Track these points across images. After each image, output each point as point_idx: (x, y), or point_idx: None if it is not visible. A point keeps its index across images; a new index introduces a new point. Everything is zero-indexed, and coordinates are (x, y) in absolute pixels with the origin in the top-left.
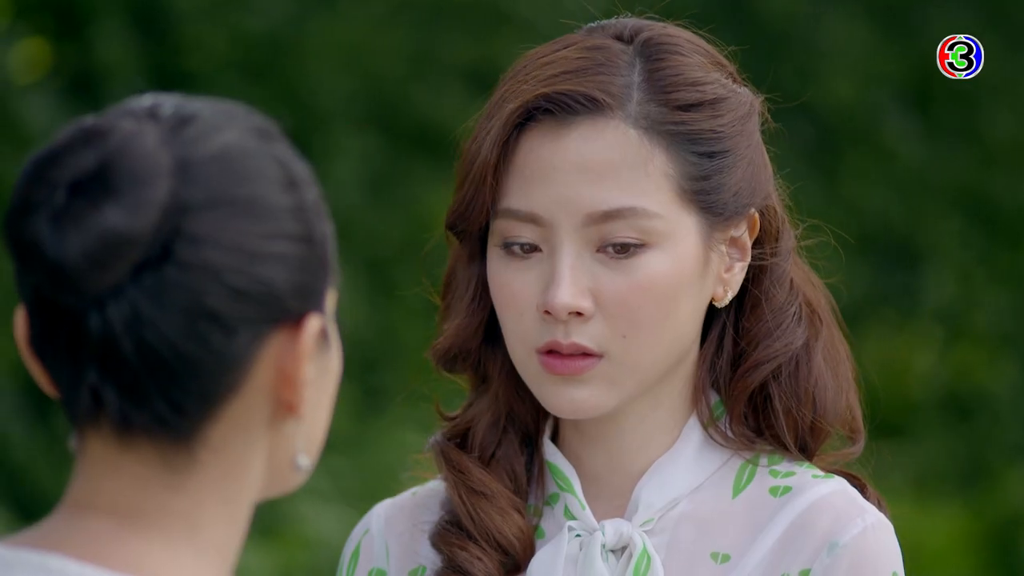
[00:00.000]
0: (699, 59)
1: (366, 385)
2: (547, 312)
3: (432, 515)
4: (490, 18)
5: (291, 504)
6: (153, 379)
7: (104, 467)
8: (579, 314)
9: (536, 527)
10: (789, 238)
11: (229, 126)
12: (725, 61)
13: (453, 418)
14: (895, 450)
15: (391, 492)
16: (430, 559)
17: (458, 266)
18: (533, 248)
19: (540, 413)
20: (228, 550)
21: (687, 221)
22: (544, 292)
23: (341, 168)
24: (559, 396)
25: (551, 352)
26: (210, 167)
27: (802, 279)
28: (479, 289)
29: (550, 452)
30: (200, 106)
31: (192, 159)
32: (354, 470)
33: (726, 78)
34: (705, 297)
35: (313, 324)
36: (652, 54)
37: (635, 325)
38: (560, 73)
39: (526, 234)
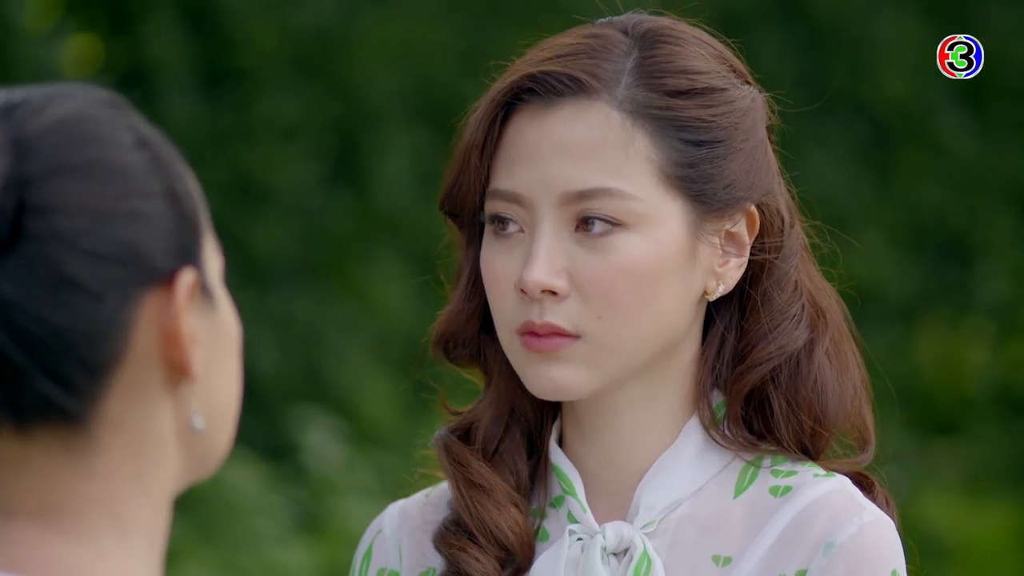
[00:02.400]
0: (699, 51)
1: (415, 381)
2: (523, 291)
3: (442, 516)
4: (541, 13)
5: (337, 501)
6: (33, 360)
7: (12, 467)
8: (554, 293)
9: (539, 529)
10: (795, 240)
11: (64, 100)
12: (735, 60)
13: (460, 413)
14: (948, 447)
15: None
16: (438, 561)
17: (458, 252)
18: (519, 229)
19: (545, 414)
20: (154, 533)
21: (671, 207)
22: (521, 271)
23: (391, 164)
24: (539, 376)
25: (531, 332)
26: (47, 138)
27: (811, 282)
28: (474, 274)
29: (555, 454)
30: (32, 90)
31: (26, 134)
32: (401, 466)
33: (728, 73)
34: (694, 288)
35: (185, 278)
36: (649, 43)
37: (610, 306)
38: (552, 57)
39: (511, 214)
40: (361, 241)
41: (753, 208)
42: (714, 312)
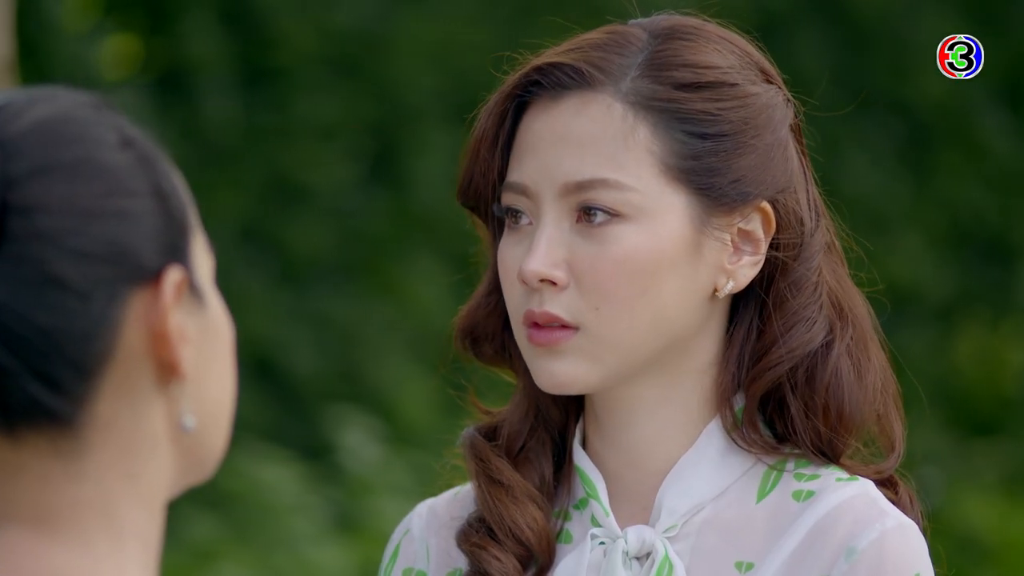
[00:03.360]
0: (717, 48)
1: (451, 380)
2: (523, 281)
3: (467, 514)
4: (579, 13)
5: (373, 500)
6: (21, 362)
7: (5, 474)
8: (553, 284)
9: (562, 530)
10: (816, 242)
11: (46, 102)
12: (763, 61)
13: (492, 413)
14: (987, 448)
15: None
16: (464, 561)
17: (485, 247)
18: (529, 222)
19: (569, 414)
20: (148, 535)
21: (673, 199)
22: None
23: (429, 164)
24: (542, 369)
25: (534, 324)
26: (29, 139)
27: (836, 284)
28: (495, 269)
29: (578, 455)
30: (15, 93)
31: (9, 135)
32: (438, 466)
33: (751, 71)
34: (699, 283)
35: (172, 275)
36: (664, 39)
37: (607, 298)
38: (564, 51)
39: (520, 206)
40: (398, 241)
41: (767, 206)
42: (737, 313)
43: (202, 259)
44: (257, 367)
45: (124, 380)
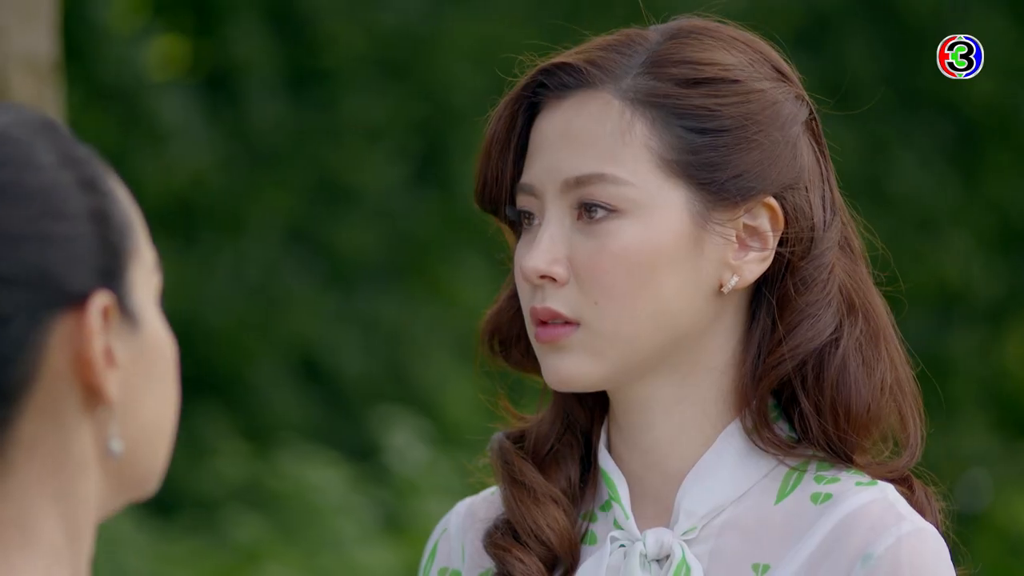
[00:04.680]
0: (723, 46)
1: (485, 385)
2: (526, 279)
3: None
4: (630, 12)
5: (419, 501)
6: None
7: None
8: (554, 280)
9: (587, 532)
10: (826, 241)
11: None
12: (779, 61)
13: (525, 418)
14: None
15: None
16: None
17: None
18: (539, 222)
19: (594, 417)
20: (73, 556)
21: (671, 194)
22: None
23: (476, 164)
24: (547, 367)
25: (539, 322)
26: None
27: (851, 281)
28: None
29: (603, 458)
30: None
31: None
32: (484, 467)
33: (762, 70)
34: (702, 278)
35: (97, 301)
36: (670, 38)
37: (605, 292)
38: (572, 52)
39: (530, 207)
40: (445, 241)
41: (774, 202)
42: (753, 317)
43: (142, 281)
44: (304, 368)
45: (49, 403)
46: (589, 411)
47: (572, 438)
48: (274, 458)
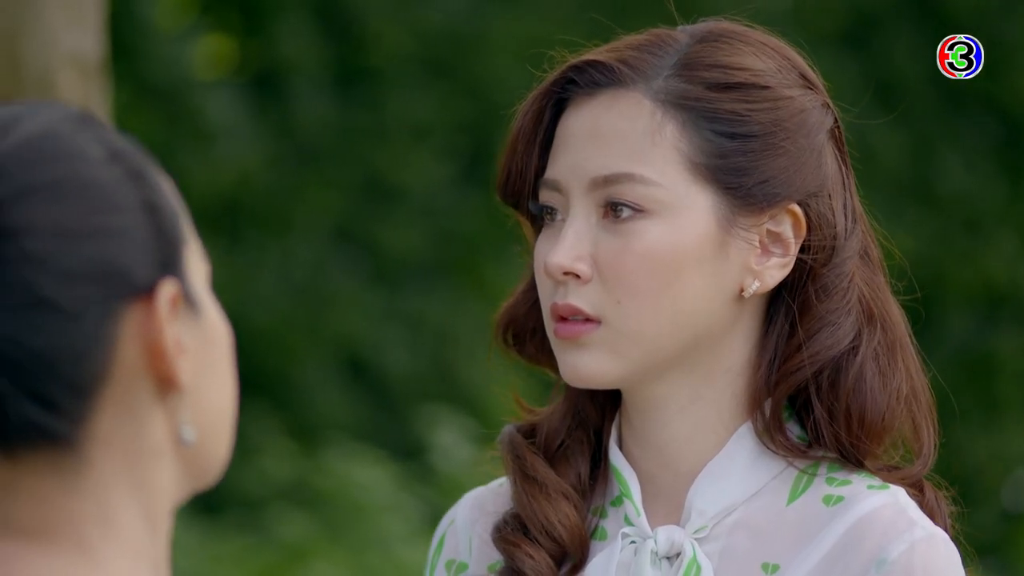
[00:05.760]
0: (753, 51)
1: (538, 377)
2: (548, 275)
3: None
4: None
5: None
6: (15, 385)
7: (3, 491)
8: (577, 277)
9: (598, 527)
10: (847, 249)
11: (30, 118)
12: (806, 68)
13: (535, 412)
14: None
15: None
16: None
17: (529, 245)
18: (562, 218)
19: (605, 413)
20: (153, 546)
21: (698, 197)
22: None
23: None
24: (565, 363)
25: (560, 318)
26: (15, 159)
27: (869, 290)
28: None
29: (614, 454)
30: None
31: None
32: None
33: (790, 76)
34: (724, 282)
35: (165, 289)
36: (701, 41)
37: (629, 291)
38: (602, 50)
39: (553, 202)
40: (491, 240)
41: (797, 209)
42: (770, 321)
43: (196, 268)
44: (350, 367)
45: (123, 395)
46: (600, 407)
47: (582, 433)
48: (320, 457)
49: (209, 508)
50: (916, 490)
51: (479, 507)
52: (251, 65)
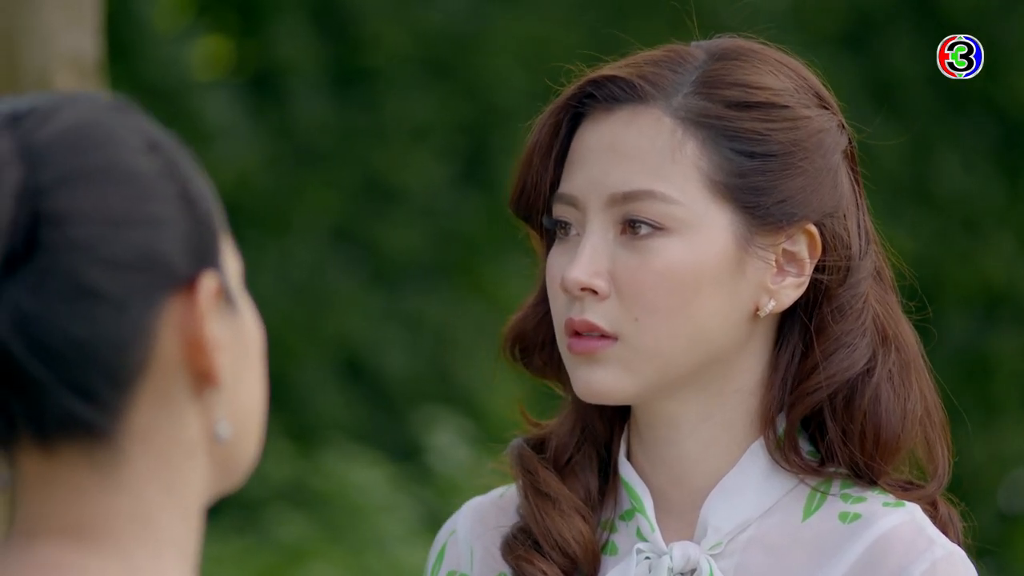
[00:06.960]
0: (772, 71)
1: (535, 386)
2: (565, 290)
3: (512, 521)
4: (677, 14)
5: (463, 502)
6: (56, 374)
7: (37, 485)
8: (594, 293)
9: (608, 542)
10: (862, 270)
11: (71, 107)
12: (820, 87)
13: (541, 424)
14: None
15: None
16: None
17: (538, 258)
18: (577, 232)
19: (614, 427)
20: (186, 544)
21: (717, 216)
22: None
23: None
24: (578, 379)
25: (574, 333)
26: (57, 146)
27: (882, 310)
28: (544, 279)
29: (624, 468)
30: (38, 98)
31: (36, 143)
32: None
33: (806, 96)
34: (740, 300)
35: (208, 282)
36: (719, 58)
37: (647, 308)
38: (620, 65)
39: (568, 217)
40: (490, 241)
41: (813, 229)
42: (783, 336)
43: (231, 263)
44: (348, 368)
45: (160, 389)
46: (608, 421)
47: (591, 448)
48: (318, 458)
49: (208, 509)
50: (929, 505)
51: (480, 519)
52: (249, 65)
